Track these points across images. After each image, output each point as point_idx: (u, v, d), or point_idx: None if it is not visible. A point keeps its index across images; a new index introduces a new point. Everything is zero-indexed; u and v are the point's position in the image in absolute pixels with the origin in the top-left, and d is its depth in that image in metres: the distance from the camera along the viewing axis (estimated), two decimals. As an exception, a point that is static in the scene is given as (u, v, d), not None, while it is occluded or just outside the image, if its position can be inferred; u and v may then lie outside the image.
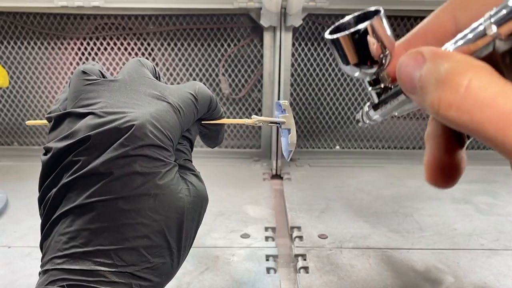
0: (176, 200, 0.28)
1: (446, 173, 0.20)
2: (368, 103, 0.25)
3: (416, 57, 0.17)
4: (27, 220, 0.59)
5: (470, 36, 0.17)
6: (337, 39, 0.21)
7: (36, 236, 0.54)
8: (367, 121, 0.26)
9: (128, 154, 0.26)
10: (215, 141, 0.38)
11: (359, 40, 0.21)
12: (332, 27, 0.23)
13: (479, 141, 0.16)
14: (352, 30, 0.21)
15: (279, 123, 0.36)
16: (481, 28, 0.16)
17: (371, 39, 0.21)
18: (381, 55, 0.21)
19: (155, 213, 0.27)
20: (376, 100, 0.24)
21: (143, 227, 0.26)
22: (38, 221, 0.59)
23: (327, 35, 0.22)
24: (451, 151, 0.19)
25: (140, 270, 0.26)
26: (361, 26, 0.21)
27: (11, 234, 0.55)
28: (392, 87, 0.23)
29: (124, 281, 0.26)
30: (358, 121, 0.27)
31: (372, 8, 0.22)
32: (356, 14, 0.23)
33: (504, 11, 0.15)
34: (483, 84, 0.15)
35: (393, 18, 0.81)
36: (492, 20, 0.16)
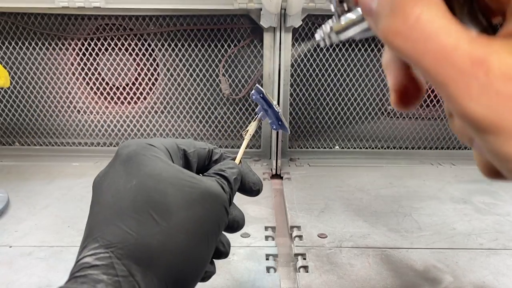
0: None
1: (409, 95, 0.21)
2: (329, 21, 0.25)
3: None
4: (28, 220, 0.59)
5: None
6: None
7: (37, 235, 0.54)
8: (327, 41, 0.26)
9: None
10: (251, 189, 0.37)
11: None
12: None
13: (418, 72, 0.17)
14: None
15: (264, 110, 0.38)
16: None
17: None
18: None
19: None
20: (336, 20, 0.24)
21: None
22: (39, 220, 0.59)
23: None
24: (409, 74, 0.20)
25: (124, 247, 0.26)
26: None
27: (12, 233, 0.55)
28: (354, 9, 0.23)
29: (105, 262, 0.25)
30: (318, 42, 0.27)
31: None
32: None
33: None
34: (431, 17, 0.15)
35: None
36: None
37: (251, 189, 0.36)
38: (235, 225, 0.34)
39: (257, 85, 0.38)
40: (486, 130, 0.14)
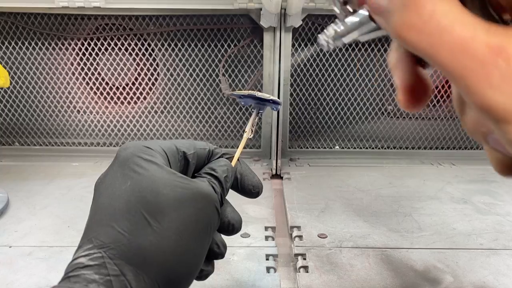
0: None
1: (417, 95, 0.21)
2: (332, 25, 0.25)
3: None
4: (28, 220, 0.59)
5: None
6: None
7: (37, 235, 0.54)
8: (331, 45, 0.26)
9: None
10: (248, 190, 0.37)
11: None
12: None
13: (433, 66, 0.17)
14: None
15: (258, 112, 0.38)
16: None
17: None
18: None
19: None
20: (341, 22, 0.24)
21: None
22: (38, 220, 0.59)
23: None
24: (417, 73, 0.20)
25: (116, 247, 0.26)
26: None
27: (12, 233, 0.55)
28: (359, 10, 0.23)
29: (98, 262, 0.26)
30: (321, 46, 0.27)
31: None
32: None
33: None
34: (446, 9, 0.15)
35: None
36: None
37: (251, 192, 0.37)
38: (230, 227, 0.34)
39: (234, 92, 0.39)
40: (507, 119, 0.14)
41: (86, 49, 0.84)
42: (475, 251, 0.51)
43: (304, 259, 0.49)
